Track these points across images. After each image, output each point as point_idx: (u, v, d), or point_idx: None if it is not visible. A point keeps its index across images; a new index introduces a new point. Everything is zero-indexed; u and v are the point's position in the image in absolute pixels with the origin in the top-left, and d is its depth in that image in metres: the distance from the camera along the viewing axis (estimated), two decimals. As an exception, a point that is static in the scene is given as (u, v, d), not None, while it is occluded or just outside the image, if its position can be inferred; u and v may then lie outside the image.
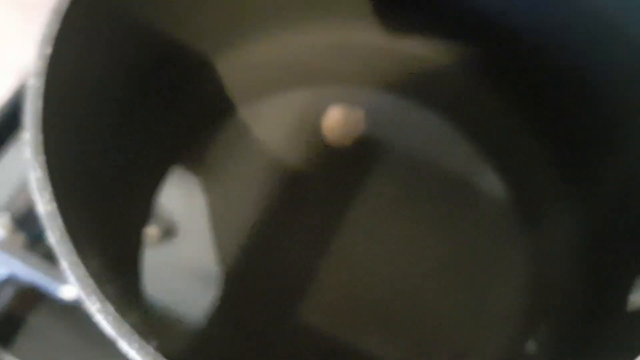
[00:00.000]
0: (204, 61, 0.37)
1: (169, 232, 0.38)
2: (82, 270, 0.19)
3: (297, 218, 0.39)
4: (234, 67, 0.39)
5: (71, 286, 0.33)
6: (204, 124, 0.40)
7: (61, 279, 0.34)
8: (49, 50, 0.22)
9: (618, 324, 0.31)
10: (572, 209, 0.38)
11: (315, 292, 0.37)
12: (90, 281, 0.19)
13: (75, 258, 0.19)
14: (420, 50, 0.42)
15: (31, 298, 0.38)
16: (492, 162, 0.40)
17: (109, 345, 0.37)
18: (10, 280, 0.37)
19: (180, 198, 0.39)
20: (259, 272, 0.37)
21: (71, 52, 0.23)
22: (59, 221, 0.20)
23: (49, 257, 0.34)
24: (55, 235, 0.20)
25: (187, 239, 0.38)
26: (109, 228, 0.28)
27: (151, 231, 0.37)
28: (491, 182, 0.40)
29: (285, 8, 0.39)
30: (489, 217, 0.39)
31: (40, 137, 0.21)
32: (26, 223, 0.37)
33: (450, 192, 0.40)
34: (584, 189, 0.38)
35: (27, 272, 0.35)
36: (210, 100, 0.40)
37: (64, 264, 0.20)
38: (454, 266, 0.38)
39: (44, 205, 0.20)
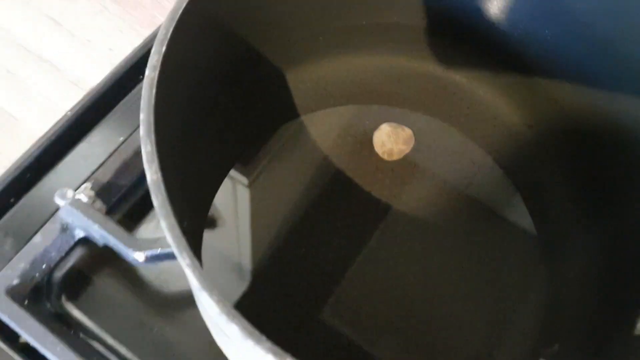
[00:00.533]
0: (278, 71, 0.41)
1: (210, 222, 0.41)
2: (177, 230, 0.23)
3: (333, 224, 0.41)
4: (302, 79, 0.42)
5: (141, 252, 0.38)
6: (269, 125, 0.43)
7: (134, 244, 0.37)
8: (163, 48, 0.26)
9: (627, 345, 0.33)
10: (593, 242, 0.39)
11: (340, 296, 0.38)
12: (183, 241, 0.23)
13: (172, 220, 0.23)
14: (468, 82, 0.44)
15: (99, 260, 0.41)
16: (520, 193, 0.42)
17: (163, 309, 0.41)
18: (83, 242, 0.41)
19: (226, 191, 0.42)
20: (289, 271, 0.39)
21: (180, 51, 0.27)
22: (162, 188, 0.24)
23: (122, 223, 0.39)
24: (158, 199, 0.24)
25: (226, 231, 0.40)
26: (186, 203, 0.32)
27: None
28: (518, 211, 0.41)
29: (352, 34, 0.42)
30: (514, 242, 0.41)
31: (152, 118, 0.25)
32: (104, 194, 0.40)
33: (479, 215, 0.42)
34: (606, 223, 0.39)
35: (104, 235, 0.38)
36: (277, 105, 0.43)
37: (164, 223, 0.23)
38: (477, 284, 0.39)
39: (152, 175, 0.24)
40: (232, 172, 0.42)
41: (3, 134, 0.44)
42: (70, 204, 0.39)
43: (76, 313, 0.40)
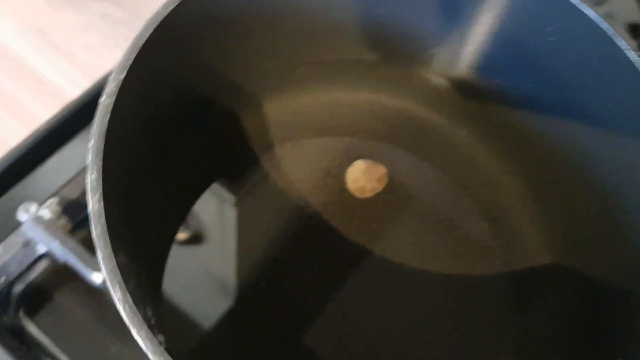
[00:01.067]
0: (251, 102, 0.41)
1: (195, 238, 0.40)
2: (112, 263, 0.23)
3: (317, 250, 0.40)
4: (277, 110, 0.42)
5: (99, 273, 0.37)
6: (243, 155, 0.42)
7: (93, 265, 0.37)
8: (122, 76, 0.26)
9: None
10: (566, 296, 0.39)
11: (321, 323, 0.38)
12: (118, 274, 0.23)
13: (109, 252, 0.23)
14: (449, 124, 0.44)
15: (61, 277, 0.41)
16: (496, 235, 0.41)
17: (122, 331, 0.40)
18: (46, 257, 0.41)
19: (212, 209, 0.41)
20: (272, 293, 0.39)
21: (142, 80, 0.27)
22: (102, 219, 0.23)
23: (85, 242, 0.38)
24: (96, 229, 0.23)
25: (211, 247, 0.40)
26: (144, 230, 0.31)
27: (180, 234, 0.40)
28: (493, 254, 0.41)
29: (332, 67, 0.42)
30: (487, 286, 0.40)
31: (101, 145, 0.25)
32: (71, 210, 0.40)
33: (456, 252, 0.41)
34: (580, 279, 0.38)
35: (64, 253, 0.38)
36: (250, 136, 0.42)
37: (99, 255, 0.23)
38: (451, 323, 0.39)
39: (93, 204, 0.24)
40: (219, 189, 0.42)
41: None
42: (33, 219, 0.38)
43: (33, 329, 0.40)
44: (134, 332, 0.22)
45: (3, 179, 0.42)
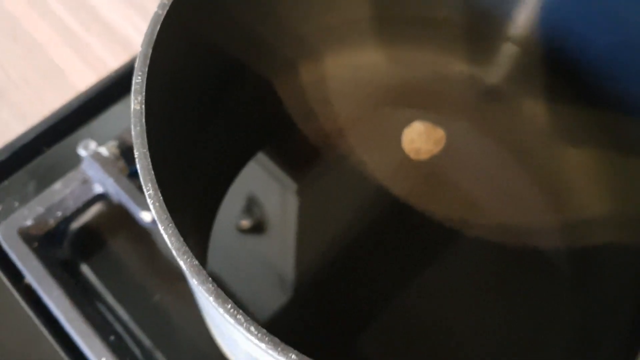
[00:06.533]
0: (312, 55, 0.40)
1: (258, 227, 0.40)
2: (147, 160, 0.23)
3: (380, 245, 0.39)
4: (337, 66, 0.41)
5: (149, 212, 0.38)
6: (299, 110, 0.42)
7: (143, 204, 0.38)
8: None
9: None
10: (630, 281, 0.36)
11: (379, 327, 0.36)
12: (151, 171, 0.22)
13: (145, 151, 0.23)
14: (514, 93, 0.42)
15: (115, 222, 0.42)
16: (557, 209, 0.39)
17: (166, 281, 0.41)
18: (103, 200, 0.42)
19: (275, 197, 0.41)
20: (331, 291, 0.37)
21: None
22: (142, 119, 0.23)
23: (139, 188, 0.39)
24: (135, 129, 0.23)
25: (273, 237, 0.39)
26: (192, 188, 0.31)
27: (243, 222, 0.39)
28: (552, 229, 0.38)
29: (397, 25, 0.41)
30: (543, 263, 0.38)
31: (148, 53, 0.25)
32: (129, 154, 0.41)
33: (511, 224, 0.39)
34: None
35: (117, 191, 0.39)
36: (308, 90, 0.42)
37: (136, 153, 0.23)
38: (500, 299, 0.37)
39: (135, 105, 0.24)
40: (283, 177, 0.41)
41: (51, 86, 0.45)
42: (91, 156, 0.40)
43: (84, 267, 0.41)
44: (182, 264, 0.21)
45: (70, 119, 0.43)
